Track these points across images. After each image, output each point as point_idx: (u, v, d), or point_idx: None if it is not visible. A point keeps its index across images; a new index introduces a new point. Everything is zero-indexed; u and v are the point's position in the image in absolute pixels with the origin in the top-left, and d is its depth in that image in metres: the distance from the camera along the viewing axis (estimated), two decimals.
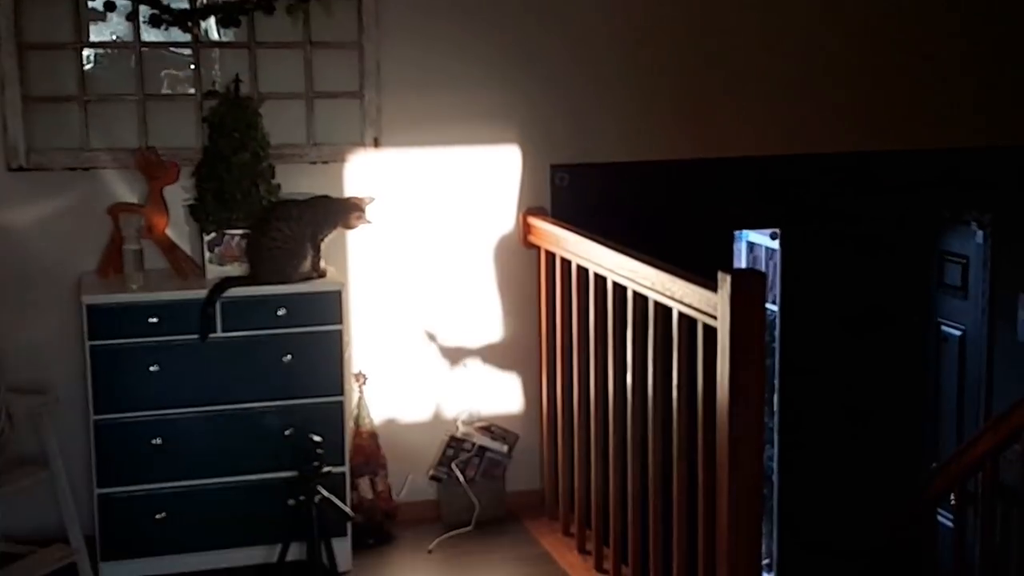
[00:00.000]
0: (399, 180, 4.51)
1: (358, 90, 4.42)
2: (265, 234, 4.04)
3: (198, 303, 3.95)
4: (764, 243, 5.88)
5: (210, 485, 4.02)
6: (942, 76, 5.12)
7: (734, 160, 4.88)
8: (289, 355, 4.03)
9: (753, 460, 3.16)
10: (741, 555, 3.15)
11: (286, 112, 4.35)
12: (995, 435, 4.04)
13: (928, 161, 5.11)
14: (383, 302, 4.55)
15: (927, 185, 5.14)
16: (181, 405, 3.98)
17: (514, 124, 4.60)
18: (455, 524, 4.51)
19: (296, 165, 4.37)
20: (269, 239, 4.03)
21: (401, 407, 4.61)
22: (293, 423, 4.04)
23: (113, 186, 4.25)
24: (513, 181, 4.62)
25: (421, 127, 4.50)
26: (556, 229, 4.35)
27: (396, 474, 4.53)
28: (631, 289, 3.72)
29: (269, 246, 4.03)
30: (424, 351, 4.61)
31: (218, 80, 4.29)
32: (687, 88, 4.81)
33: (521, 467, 4.66)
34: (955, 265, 5.28)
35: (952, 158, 5.12)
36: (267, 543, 4.01)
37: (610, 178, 4.72)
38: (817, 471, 5.23)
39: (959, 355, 5.25)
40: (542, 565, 4.25)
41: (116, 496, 3.96)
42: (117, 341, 3.92)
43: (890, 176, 5.09)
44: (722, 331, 3.12)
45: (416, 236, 4.55)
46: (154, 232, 4.21)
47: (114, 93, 4.26)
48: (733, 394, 3.10)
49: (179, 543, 4.03)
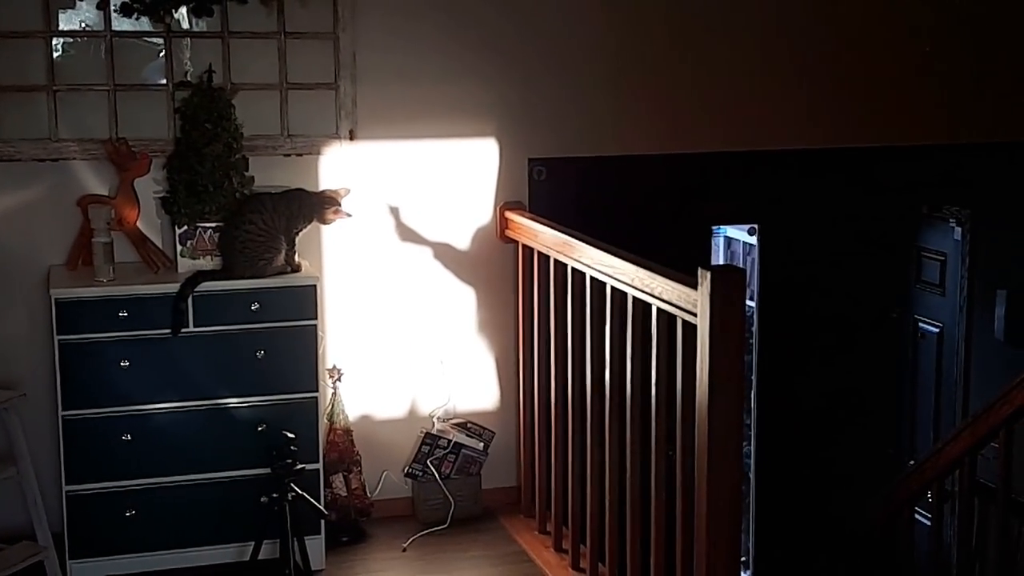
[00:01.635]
0: (375, 173, 4.46)
1: (333, 82, 4.37)
2: (238, 227, 3.98)
3: (170, 297, 3.89)
4: (742, 238, 5.85)
5: (181, 482, 3.97)
6: (920, 72, 5.12)
7: (712, 155, 4.87)
8: (262, 350, 3.98)
9: (732, 457, 3.13)
10: (719, 552, 3.12)
11: (260, 103, 4.30)
12: (973, 433, 4.02)
13: (906, 157, 5.11)
14: (358, 297, 4.50)
15: (905, 181, 5.13)
16: (152, 401, 3.93)
17: (492, 117, 4.55)
18: (430, 522, 4.47)
19: (270, 157, 4.31)
20: (242, 232, 3.97)
21: (376, 403, 4.56)
22: (266, 419, 3.99)
23: (83, 177, 4.19)
24: (490, 175, 4.58)
25: (397, 120, 4.46)
26: (534, 224, 4.31)
27: (371, 471, 4.49)
28: (610, 285, 3.68)
29: (242, 239, 3.97)
30: (400, 347, 4.57)
31: (190, 70, 4.23)
32: (666, 83, 4.78)
33: (497, 464, 4.63)
34: (933, 262, 5.27)
35: (930, 154, 5.12)
36: (239, 541, 3.97)
37: (588, 172, 4.69)
38: (794, 468, 5.22)
39: (937, 352, 5.24)
40: (518, 563, 4.22)
41: (85, 493, 3.91)
42: (86, 336, 3.86)
43: (868, 172, 5.08)
44: (702, 328, 3.09)
45: (392, 230, 4.51)
46: (124, 224, 4.15)
47: (84, 83, 4.19)
48: (712, 391, 3.06)
49: (149, 541, 3.98)
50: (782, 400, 5.23)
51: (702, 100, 4.84)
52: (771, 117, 4.93)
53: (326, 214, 4.15)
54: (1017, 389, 3.79)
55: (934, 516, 4.37)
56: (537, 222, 4.30)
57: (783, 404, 5.23)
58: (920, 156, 5.11)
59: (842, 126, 5.05)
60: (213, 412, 3.97)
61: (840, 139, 5.05)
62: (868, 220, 5.14)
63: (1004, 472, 3.88)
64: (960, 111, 5.17)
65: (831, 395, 5.22)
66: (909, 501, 4.51)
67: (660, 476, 3.50)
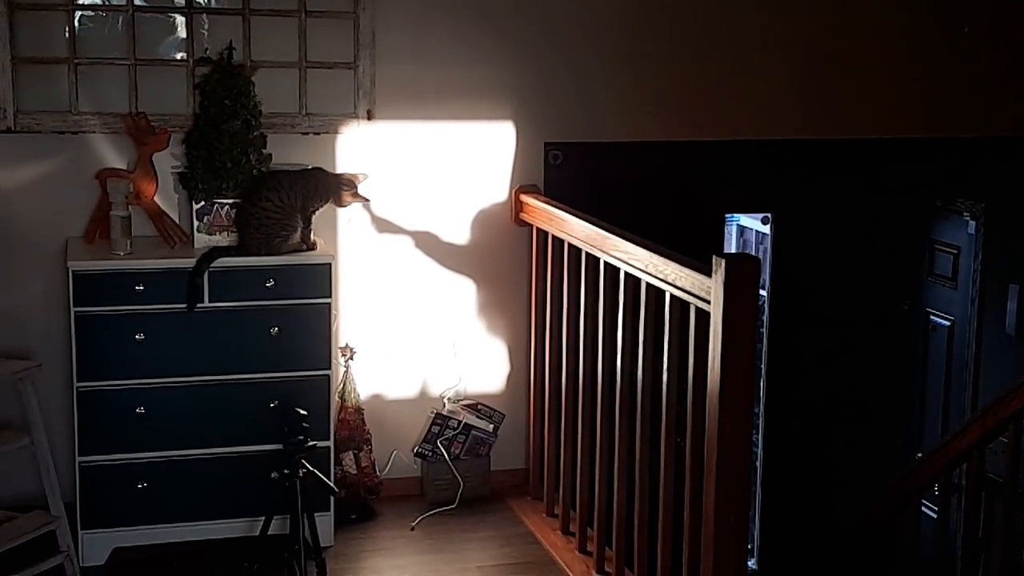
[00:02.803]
0: (392, 154, 4.47)
1: (352, 61, 4.38)
2: (254, 204, 4.00)
3: (186, 272, 3.91)
4: (755, 227, 5.85)
5: (193, 456, 4.00)
6: (938, 65, 5.12)
7: (728, 143, 4.87)
8: (276, 327, 4.00)
9: (742, 444, 3.14)
10: (728, 538, 3.14)
11: (279, 82, 4.31)
12: (982, 426, 4.02)
13: (922, 149, 5.10)
14: (372, 276, 4.51)
15: (920, 173, 5.13)
16: (166, 375, 3.95)
17: (509, 100, 4.56)
18: (438, 502, 4.49)
19: (288, 135, 4.33)
20: (258, 209, 3.99)
21: (388, 383, 4.58)
22: (278, 396, 4.01)
23: (101, 151, 4.20)
24: (506, 158, 4.59)
25: (415, 101, 4.46)
26: (549, 208, 4.32)
27: (381, 450, 4.51)
28: (623, 270, 3.70)
29: (258, 215, 3.99)
30: (412, 327, 4.58)
31: (210, 47, 4.24)
32: (684, 70, 4.78)
33: (506, 446, 4.65)
34: (946, 255, 5.27)
35: (946, 147, 5.12)
36: (249, 516, 3.99)
37: (604, 157, 4.69)
38: (802, 458, 5.23)
39: (947, 345, 5.24)
40: (525, 545, 4.24)
41: (98, 464, 3.93)
42: (102, 308, 3.88)
43: (884, 164, 5.08)
44: (715, 315, 3.10)
45: (407, 211, 4.52)
46: (142, 199, 4.17)
47: (105, 57, 4.20)
48: (724, 378, 3.08)
49: (160, 513, 4.01)
50: (791, 390, 5.23)
51: (719, 88, 4.84)
52: (788, 106, 4.93)
53: (343, 196, 4.16)
54: None
55: (940, 508, 4.38)
56: (552, 206, 4.31)
57: (792, 394, 5.23)
58: (935, 149, 5.11)
59: (858, 117, 5.04)
60: (226, 387, 3.99)
61: (856, 130, 5.05)
62: (882, 212, 5.14)
63: (1012, 466, 3.89)
64: (977, 104, 5.17)
65: (840, 386, 5.22)
66: (916, 493, 4.51)
67: (669, 462, 3.52)
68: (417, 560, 4.13)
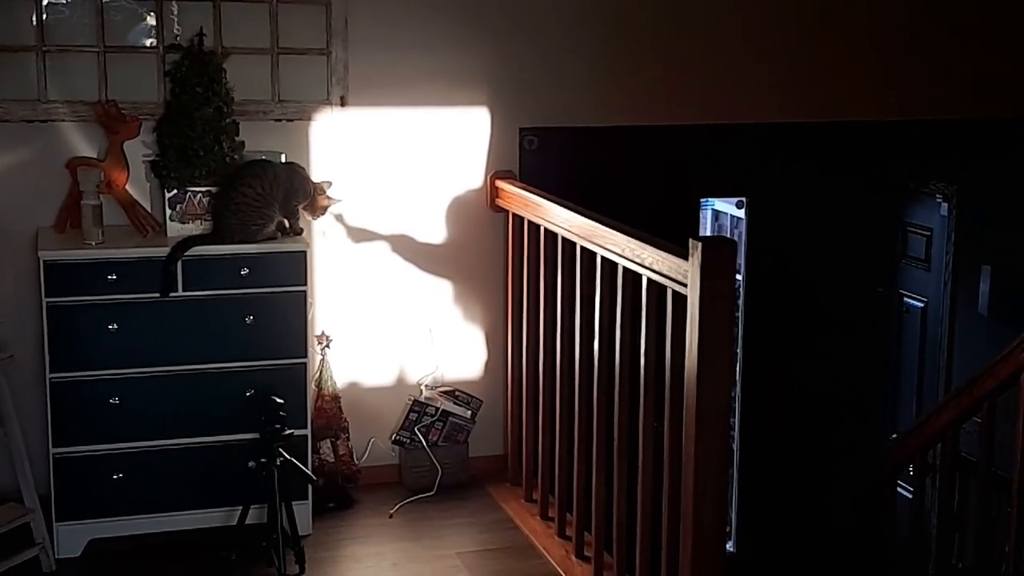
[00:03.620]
0: (366, 140, 4.45)
1: (325, 47, 4.35)
2: (235, 189, 3.96)
3: (158, 261, 3.88)
4: (730, 212, 5.87)
5: (169, 446, 3.97)
6: (910, 48, 5.13)
7: (702, 127, 4.88)
8: (251, 316, 3.98)
9: (720, 427, 3.15)
10: (706, 522, 3.14)
11: (251, 68, 4.27)
12: (957, 407, 4.05)
13: (894, 132, 5.12)
14: (348, 264, 4.49)
15: (893, 156, 5.15)
16: (140, 365, 3.92)
17: (483, 86, 4.54)
18: (417, 489, 4.49)
19: (260, 122, 4.30)
20: (238, 194, 3.95)
21: (364, 370, 4.57)
22: (255, 385, 3.99)
23: (72, 140, 4.16)
24: (481, 144, 4.58)
25: (389, 87, 4.44)
26: (525, 193, 4.31)
27: (358, 438, 4.50)
28: (600, 255, 3.69)
29: (237, 200, 3.95)
30: (388, 314, 4.57)
31: (180, 34, 4.20)
32: (658, 55, 4.78)
33: (484, 432, 4.64)
34: (919, 237, 5.30)
35: (918, 129, 5.14)
36: (227, 505, 3.98)
37: (579, 142, 4.69)
38: (778, 440, 5.25)
39: (921, 326, 5.28)
40: (504, 531, 4.24)
41: (72, 456, 3.90)
42: (75, 299, 3.84)
43: (856, 147, 5.10)
44: (692, 298, 3.10)
45: (382, 198, 4.50)
46: (114, 188, 4.13)
47: (74, 44, 4.16)
48: (701, 361, 3.08)
49: (136, 504, 3.98)
50: (767, 374, 5.25)
51: (694, 73, 4.83)
52: (761, 90, 4.94)
53: (318, 200, 4.16)
54: (1000, 363, 3.82)
55: (916, 488, 4.41)
56: (528, 192, 4.30)
57: (768, 378, 5.25)
58: (908, 132, 5.13)
59: (831, 100, 5.05)
60: (201, 376, 3.97)
61: (829, 113, 5.06)
62: (855, 195, 5.16)
63: (986, 446, 3.92)
64: (949, 87, 5.19)
65: (816, 369, 5.24)
66: (892, 473, 4.55)
67: (647, 446, 3.52)
68: (396, 547, 4.12)
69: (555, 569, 3.97)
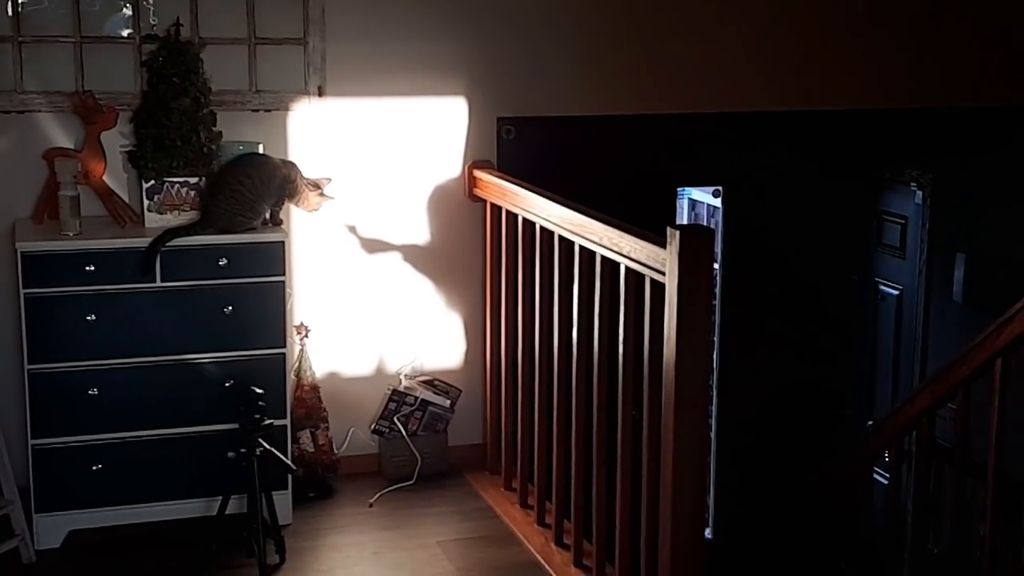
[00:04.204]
0: (344, 130, 4.45)
1: (302, 37, 4.34)
2: (234, 176, 3.97)
3: (136, 251, 3.87)
4: (707, 201, 5.88)
5: (148, 437, 3.97)
6: (885, 35, 5.16)
7: (678, 116, 4.88)
8: (230, 306, 3.98)
9: (698, 414, 3.16)
10: (685, 509, 3.16)
11: (228, 58, 4.26)
12: (932, 393, 4.08)
13: (869, 120, 5.15)
14: (326, 254, 4.49)
15: (868, 144, 5.18)
16: (118, 355, 3.91)
17: (461, 76, 4.55)
18: (397, 478, 4.50)
19: (238, 112, 4.29)
20: (236, 182, 3.95)
21: (343, 360, 4.57)
22: (234, 375, 3.99)
23: (49, 130, 4.15)
24: (459, 133, 4.58)
25: (367, 77, 4.44)
26: (503, 183, 4.32)
27: (338, 427, 4.51)
28: (578, 244, 3.70)
29: (234, 187, 3.95)
30: (367, 304, 4.57)
31: (157, 24, 4.18)
32: (636, 44, 4.79)
33: (464, 421, 4.65)
34: (894, 225, 5.32)
35: (893, 118, 5.17)
36: (206, 496, 3.98)
37: (556, 132, 4.69)
38: (756, 429, 5.28)
39: (896, 315, 5.30)
40: (484, 519, 4.26)
41: (51, 447, 3.89)
42: (52, 290, 3.84)
43: (832, 135, 5.12)
44: (670, 286, 3.12)
45: (360, 188, 4.50)
46: (91, 178, 4.12)
47: (50, 35, 4.14)
48: (680, 348, 3.10)
49: (116, 495, 3.98)
50: (744, 363, 5.28)
51: (671, 62, 4.85)
52: (736, 79, 4.95)
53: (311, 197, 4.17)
54: (975, 351, 3.85)
55: (892, 475, 4.45)
56: (506, 181, 4.31)
57: (745, 367, 5.28)
58: (883, 120, 5.15)
59: (807, 89, 5.07)
60: (180, 367, 3.96)
61: (805, 102, 5.08)
62: (830, 184, 5.18)
63: (961, 432, 3.95)
64: (923, 75, 5.22)
65: (792, 357, 5.27)
66: (868, 460, 4.58)
67: (626, 434, 3.54)
68: (377, 536, 4.13)
69: (535, 557, 3.99)
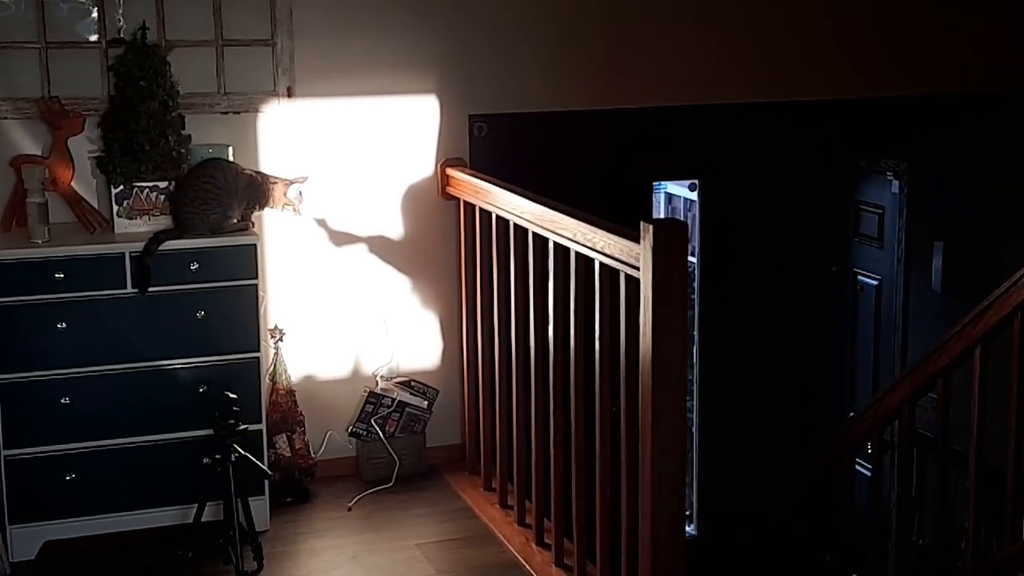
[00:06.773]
0: (314, 130, 4.41)
1: (270, 38, 4.31)
2: (198, 178, 3.94)
3: (107, 258, 3.84)
4: (683, 194, 5.86)
5: (122, 445, 3.93)
6: (858, 24, 5.15)
7: (652, 110, 4.87)
8: (203, 311, 3.94)
9: (676, 409, 3.14)
10: (665, 505, 3.14)
11: (196, 60, 4.23)
12: (912, 383, 4.08)
13: (844, 110, 5.14)
14: (299, 256, 4.46)
15: (843, 134, 5.17)
16: (90, 363, 3.87)
17: (432, 73, 4.52)
18: (375, 480, 4.46)
19: (207, 115, 4.25)
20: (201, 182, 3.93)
21: (319, 363, 4.54)
22: (208, 380, 3.95)
23: (15, 137, 4.11)
24: (431, 131, 4.55)
25: (336, 76, 4.41)
26: (475, 180, 4.29)
27: (314, 431, 4.47)
28: (552, 240, 3.68)
29: (201, 189, 3.91)
30: (342, 306, 4.54)
31: (123, 27, 4.14)
32: (607, 37, 4.77)
33: (441, 422, 4.63)
34: (871, 215, 5.32)
35: (868, 107, 5.16)
36: (182, 503, 3.94)
37: (529, 128, 4.67)
38: (736, 420, 5.27)
39: (875, 305, 5.30)
40: (464, 520, 4.23)
41: (24, 458, 3.85)
42: (22, 298, 3.79)
43: (807, 126, 5.11)
44: (644, 281, 3.10)
45: (332, 188, 4.46)
46: (59, 185, 4.08)
47: (15, 40, 4.09)
48: (656, 344, 3.07)
49: (90, 505, 3.94)
50: (724, 356, 5.27)
51: (643, 55, 4.83)
52: (710, 71, 4.94)
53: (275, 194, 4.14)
54: (954, 339, 3.84)
55: (874, 466, 4.44)
56: (478, 178, 4.28)
57: (725, 359, 5.27)
58: (858, 109, 5.15)
59: (781, 80, 5.06)
60: (153, 374, 3.92)
61: (779, 93, 5.07)
62: (807, 174, 5.18)
63: (942, 422, 3.94)
64: (898, 64, 5.21)
65: (771, 349, 5.26)
66: (849, 451, 4.57)
67: (605, 431, 3.51)
68: (356, 540, 4.10)
69: (515, 557, 3.96)
